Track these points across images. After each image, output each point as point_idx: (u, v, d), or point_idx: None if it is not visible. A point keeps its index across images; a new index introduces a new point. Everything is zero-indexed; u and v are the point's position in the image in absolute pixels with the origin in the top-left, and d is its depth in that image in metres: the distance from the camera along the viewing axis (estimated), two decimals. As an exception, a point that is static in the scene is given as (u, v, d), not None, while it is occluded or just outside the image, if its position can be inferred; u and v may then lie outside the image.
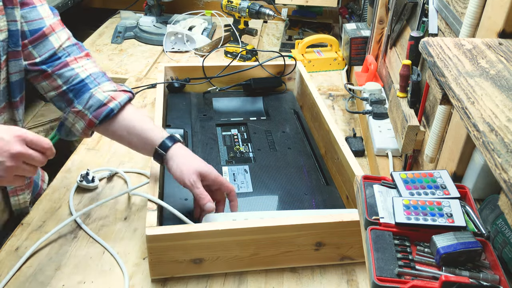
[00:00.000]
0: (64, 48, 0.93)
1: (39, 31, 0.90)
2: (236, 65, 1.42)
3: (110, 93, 0.94)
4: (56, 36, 0.91)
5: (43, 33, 0.90)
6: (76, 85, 0.92)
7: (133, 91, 1.00)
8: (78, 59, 0.94)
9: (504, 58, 0.63)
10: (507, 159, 0.44)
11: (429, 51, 0.66)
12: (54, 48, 0.91)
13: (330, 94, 1.60)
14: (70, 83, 0.92)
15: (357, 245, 0.90)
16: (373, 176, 0.74)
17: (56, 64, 0.91)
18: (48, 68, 0.91)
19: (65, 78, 0.92)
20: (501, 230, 0.66)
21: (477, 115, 0.51)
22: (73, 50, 0.94)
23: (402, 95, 1.10)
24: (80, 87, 0.92)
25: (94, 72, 0.95)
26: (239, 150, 1.17)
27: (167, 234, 0.83)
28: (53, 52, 0.91)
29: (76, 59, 0.93)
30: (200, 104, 1.36)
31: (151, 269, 0.87)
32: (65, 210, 1.05)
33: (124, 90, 0.97)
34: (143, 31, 1.99)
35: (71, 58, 0.93)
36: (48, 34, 0.91)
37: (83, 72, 0.93)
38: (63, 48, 0.92)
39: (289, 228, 0.86)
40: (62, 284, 0.88)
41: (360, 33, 1.62)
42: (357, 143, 1.30)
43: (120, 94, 0.95)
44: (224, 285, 0.88)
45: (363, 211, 0.68)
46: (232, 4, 1.72)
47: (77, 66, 0.93)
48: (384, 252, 0.61)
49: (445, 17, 0.94)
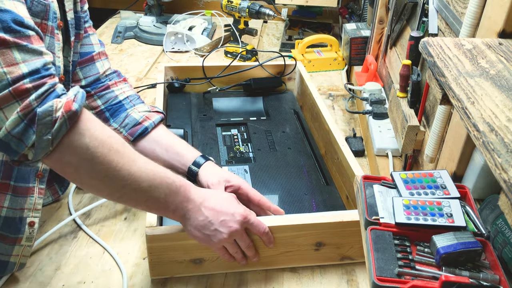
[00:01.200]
0: (107, 75, 1.02)
1: (89, 54, 0.99)
2: (236, 65, 1.42)
3: (145, 113, 1.01)
4: (101, 63, 1.02)
5: (91, 57, 1.00)
6: (114, 105, 1.01)
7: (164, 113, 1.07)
8: (118, 83, 1.03)
9: (504, 58, 0.63)
10: (507, 159, 0.44)
11: (429, 51, 0.66)
12: (99, 73, 1.01)
13: (330, 94, 1.60)
14: (108, 103, 1.01)
15: (357, 245, 0.90)
16: (373, 176, 0.74)
17: (99, 87, 1.01)
18: (91, 90, 1.00)
19: (105, 99, 1.01)
20: (501, 230, 0.66)
21: (477, 115, 0.51)
22: (113, 76, 1.04)
23: (402, 95, 1.10)
24: (117, 107, 1.01)
25: (131, 94, 1.04)
26: (239, 150, 1.17)
27: (167, 234, 0.83)
28: (97, 77, 1.01)
29: (116, 83, 1.03)
30: (200, 104, 1.36)
31: (151, 269, 0.87)
32: (65, 210, 1.05)
33: (157, 111, 1.04)
34: (143, 31, 1.99)
35: (112, 82, 1.02)
36: (95, 59, 1.01)
37: (121, 95, 1.02)
38: (106, 75, 1.02)
39: (289, 228, 0.86)
40: (62, 284, 0.88)
41: (360, 33, 1.62)
42: (357, 143, 1.30)
43: (154, 114, 1.02)
44: (224, 285, 0.88)
45: (363, 211, 0.68)
46: (232, 4, 1.72)
47: (116, 89, 1.02)
48: (384, 252, 0.61)
49: (445, 17, 0.94)
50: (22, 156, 0.68)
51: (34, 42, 0.68)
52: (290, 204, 0.99)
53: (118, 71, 1.07)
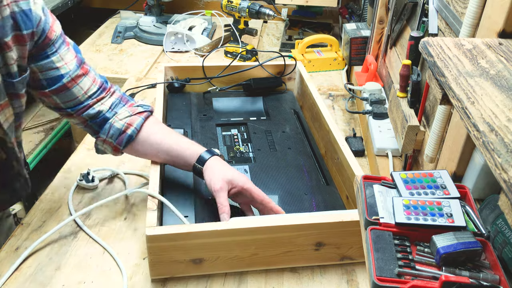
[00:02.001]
0: (90, 96, 0.98)
1: (60, 82, 0.92)
2: (236, 65, 1.42)
3: (126, 119, 1.00)
4: (78, 87, 0.95)
5: (64, 86, 0.93)
6: (97, 119, 0.99)
7: (150, 108, 1.04)
8: (100, 99, 0.99)
9: (504, 58, 0.63)
10: (507, 159, 0.44)
11: (429, 51, 0.66)
12: (78, 97, 0.96)
13: (330, 94, 1.60)
14: (93, 119, 0.99)
15: (357, 245, 0.90)
16: (373, 176, 0.74)
17: (80, 108, 0.98)
18: (73, 112, 0.98)
19: (89, 115, 0.99)
20: (501, 230, 0.66)
21: (477, 115, 0.51)
22: (97, 95, 0.99)
23: (402, 95, 1.10)
24: (101, 120, 0.99)
25: (113, 101, 1.01)
26: (239, 150, 1.17)
27: (167, 234, 0.83)
28: (78, 101, 0.97)
29: (98, 100, 0.99)
30: (200, 104, 1.35)
31: (151, 269, 0.87)
32: (65, 210, 1.05)
33: (139, 113, 1.01)
34: (143, 31, 1.99)
35: (93, 100, 0.98)
36: (70, 87, 0.94)
37: (104, 107, 0.99)
38: (88, 96, 0.97)
39: (289, 228, 0.86)
40: (62, 284, 0.88)
41: (360, 33, 1.62)
42: (357, 143, 1.30)
43: (135, 118, 1.01)
44: (224, 285, 0.88)
45: (363, 211, 0.68)
46: (232, 4, 1.72)
47: (97, 105, 0.99)
48: (384, 252, 0.61)
49: (445, 17, 0.94)
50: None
51: None
52: (290, 204, 0.99)
53: (103, 83, 1.00)
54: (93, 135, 1.02)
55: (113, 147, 1.01)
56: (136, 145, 1.00)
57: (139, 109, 1.02)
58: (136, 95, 1.52)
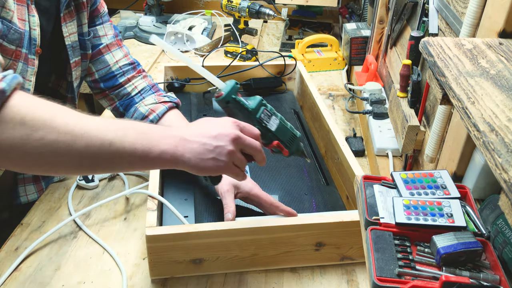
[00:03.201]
0: (120, 67, 1.08)
1: (97, 48, 1.06)
2: (236, 65, 1.42)
3: (151, 106, 1.06)
4: (111, 55, 1.07)
5: (99, 51, 1.06)
6: (125, 101, 1.08)
7: (177, 100, 1.10)
8: (131, 79, 1.09)
9: (505, 58, 0.63)
10: (507, 159, 0.43)
11: (430, 51, 0.66)
12: (109, 65, 1.07)
13: (330, 94, 1.60)
14: (122, 100, 1.08)
15: (357, 245, 0.90)
16: (373, 176, 0.74)
17: (112, 86, 1.08)
18: (106, 89, 1.08)
19: (119, 96, 1.09)
20: (502, 230, 0.66)
21: (477, 115, 0.51)
22: (128, 69, 1.09)
23: (402, 95, 1.10)
24: (129, 102, 1.08)
25: (144, 87, 1.09)
26: (239, 150, 1.17)
27: (167, 234, 0.82)
28: (108, 69, 1.07)
29: (129, 79, 1.08)
30: (200, 104, 1.35)
31: (151, 269, 0.87)
32: (65, 210, 1.05)
33: (164, 102, 1.07)
34: (143, 31, 1.99)
35: (125, 79, 1.08)
36: (104, 52, 1.06)
37: (133, 90, 1.08)
38: (119, 67, 1.08)
39: (289, 228, 0.86)
40: (61, 284, 0.88)
41: (360, 33, 1.62)
42: (357, 143, 1.30)
43: (159, 106, 1.06)
44: (224, 285, 0.88)
45: (363, 211, 0.68)
46: (232, 3, 1.72)
47: (129, 85, 1.08)
48: (384, 252, 0.61)
49: (445, 17, 0.94)
50: None
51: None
52: (290, 204, 0.98)
53: (135, 62, 1.11)
54: (118, 117, 1.09)
55: None
56: None
57: (165, 98, 1.08)
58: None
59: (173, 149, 0.69)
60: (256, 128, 0.77)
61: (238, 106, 0.77)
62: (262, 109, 0.78)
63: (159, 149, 0.68)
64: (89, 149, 0.63)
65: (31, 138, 0.60)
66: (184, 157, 0.70)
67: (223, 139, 0.71)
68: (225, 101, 0.76)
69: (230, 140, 0.71)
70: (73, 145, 0.62)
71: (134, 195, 1.09)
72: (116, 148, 0.65)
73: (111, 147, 0.65)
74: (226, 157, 0.71)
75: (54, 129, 0.61)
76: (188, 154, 0.70)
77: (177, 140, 0.70)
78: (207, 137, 0.71)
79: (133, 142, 0.66)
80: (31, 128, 0.60)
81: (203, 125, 0.74)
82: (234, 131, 0.72)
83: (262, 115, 0.78)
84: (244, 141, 0.73)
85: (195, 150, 0.70)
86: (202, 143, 0.71)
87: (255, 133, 0.76)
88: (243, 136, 0.73)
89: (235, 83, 0.76)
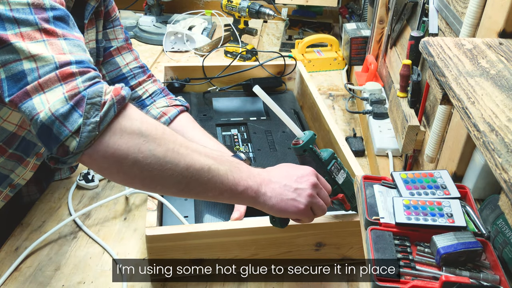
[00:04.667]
0: (131, 69, 1.08)
1: (107, 51, 1.06)
2: (236, 65, 1.42)
3: (163, 109, 1.06)
4: (121, 57, 1.08)
5: (109, 53, 1.06)
6: (136, 103, 1.07)
7: (187, 104, 1.11)
8: (142, 82, 1.09)
9: (505, 58, 0.63)
10: (507, 159, 0.43)
11: (430, 51, 0.66)
12: (120, 67, 1.07)
13: (330, 94, 1.60)
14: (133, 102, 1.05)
15: (357, 245, 0.90)
16: (373, 176, 0.74)
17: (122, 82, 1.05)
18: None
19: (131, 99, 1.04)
20: (502, 230, 0.66)
21: (477, 115, 0.51)
22: (138, 72, 1.09)
23: (402, 95, 1.10)
24: (139, 104, 1.07)
25: (154, 90, 1.10)
26: (239, 150, 1.17)
27: (167, 234, 0.82)
28: (118, 71, 1.07)
29: (140, 82, 1.08)
30: (200, 104, 1.35)
31: (151, 269, 0.87)
32: (65, 210, 1.05)
33: (175, 105, 1.07)
34: (143, 31, 1.99)
35: (135, 82, 1.08)
36: (114, 55, 1.06)
37: (144, 93, 1.08)
38: (130, 69, 1.07)
39: (289, 228, 0.86)
40: (61, 284, 0.88)
41: (360, 33, 1.62)
42: (357, 143, 1.30)
43: (171, 109, 1.06)
44: (224, 285, 0.88)
45: (363, 211, 0.68)
46: (232, 3, 1.72)
47: (139, 88, 1.08)
48: (384, 252, 0.61)
49: (445, 16, 0.94)
50: (61, 148, 0.61)
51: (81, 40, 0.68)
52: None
53: (145, 66, 1.11)
54: None
55: None
56: None
57: (176, 102, 1.09)
58: (136, 95, 1.52)
59: (257, 187, 0.73)
60: (328, 184, 0.80)
61: (313, 156, 0.80)
62: (333, 162, 0.83)
63: (246, 183, 0.72)
64: (189, 170, 0.66)
65: (144, 147, 0.63)
66: (266, 195, 0.73)
67: (304, 183, 0.75)
68: (302, 150, 0.80)
69: (310, 185, 0.75)
70: (178, 163, 0.65)
71: (134, 195, 1.09)
72: (213, 174, 0.68)
73: (209, 172, 0.68)
74: (306, 199, 0.74)
75: (164, 144, 0.64)
76: (269, 193, 0.74)
77: (261, 179, 0.74)
78: (289, 180, 0.75)
79: (226, 172, 0.70)
80: (145, 139, 0.63)
81: (284, 168, 0.78)
82: (313, 178, 0.76)
83: (332, 167, 0.82)
84: (321, 189, 0.77)
85: (277, 190, 0.74)
86: (283, 184, 0.74)
87: (328, 188, 0.80)
88: (320, 185, 0.77)
89: (313, 134, 0.81)
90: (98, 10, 1.01)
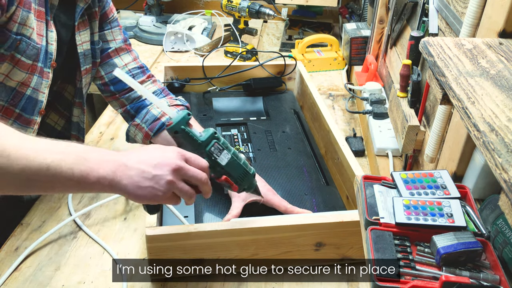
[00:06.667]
0: (130, 70, 1.08)
1: (105, 52, 1.06)
2: (236, 65, 1.42)
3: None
4: (119, 58, 1.08)
5: (108, 55, 1.07)
6: (136, 104, 1.08)
7: (187, 104, 1.11)
8: (141, 83, 1.09)
9: (505, 57, 0.63)
10: (507, 159, 0.43)
11: (430, 51, 0.66)
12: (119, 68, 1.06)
13: (330, 94, 1.60)
14: (133, 103, 1.08)
15: (357, 245, 0.90)
16: (373, 176, 0.74)
17: (122, 89, 1.07)
18: (116, 92, 1.08)
19: (130, 100, 1.08)
20: (502, 230, 0.66)
21: (477, 115, 0.51)
22: (137, 73, 1.09)
23: (403, 95, 1.10)
24: (139, 104, 1.08)
25: (153, 91, 1.10)
26: (239, 150, 1.17)
27: (167, 234, 0.82)
28: None
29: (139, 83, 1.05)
30: (200, 104, 1.35)
31: (151, 269, 0.87)
32: (65, 210, 1.05)
33: (176, 105, 1.08)
34: (143, 31, 1.99)
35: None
36: (112, 56, 1.07)
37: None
38: (129, 70, 1.08)
39: (289, 228, 0.86)
40: (61, 284, 0.88)
41: (360, 33, 1.62)
42: (357, 143, 1.30)
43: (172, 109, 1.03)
44: (224, 285, 0.88)
45: (363, 211, 0.68)
46: (232, 3, 1.72)
47: None
48: (384, 252, 0.61)
49: (446, 16, 0.94)
50: None
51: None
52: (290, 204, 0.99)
53: (144, 67, 1.11)
54: (129, 120, 1.09)
55: (144, 134, 1.04)
56: (166, 135, 1.02)
57: (176, 102, 1.09)
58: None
59: (111, 175, 0.69)
60: (204, 160, 0.76)
61: (187, 137, 0.76)
62: (213, 142, 0.77)
63: (97, 174, 0.68)
64: (24, 172, 0.63)
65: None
66: (121, 183, 0.70)
67: (163, 169, 0.71)
68: (173, 131, 0.75)
69: (171, 170, 0.71)
70: (9, 167, 0.62)
71: (134, 195, 1.09)
72: (54, 172, 0.65)
73: (48, 171, 0.64)
74: (164, 186, 0.71)
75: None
76: (125, 180, 0.70)
77: (116, 166, 0.70)
78: (146, 165, 0.71)
79: (71, 167, 0.66)
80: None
81: (146, 152, 0.74)
82: (176, 161, 0.72)
83: (212, 148, 0.77)
84: (187, 172, 0.73)
85: (133, 178, 0.70)
86: (141, 170, 0.70)
87: (203, 165, 0.75)
88: (186, 167, 0.73)
89: (186, 114, 0.76)
90: (92, 11, 1.01)
